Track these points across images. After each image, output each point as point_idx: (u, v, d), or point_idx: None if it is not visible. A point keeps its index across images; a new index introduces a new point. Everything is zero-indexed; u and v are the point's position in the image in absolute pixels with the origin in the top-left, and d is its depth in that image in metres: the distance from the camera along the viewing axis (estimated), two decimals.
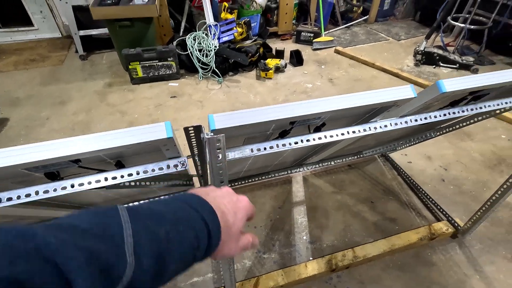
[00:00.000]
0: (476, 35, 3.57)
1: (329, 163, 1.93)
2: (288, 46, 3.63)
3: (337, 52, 3.65)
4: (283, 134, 0.96)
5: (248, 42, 3.31)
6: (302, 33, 3.80)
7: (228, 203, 0.45)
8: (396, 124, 0.98)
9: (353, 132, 0.95)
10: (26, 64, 3.42)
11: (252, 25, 3.44)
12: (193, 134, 0.71)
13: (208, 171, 0.83)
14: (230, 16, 3.23)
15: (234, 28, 3.18)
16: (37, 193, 0.75)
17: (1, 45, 3.79)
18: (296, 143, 0.90)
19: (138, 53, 2.84)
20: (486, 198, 1.41)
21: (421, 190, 1.87)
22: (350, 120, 1.07)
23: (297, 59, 3.35)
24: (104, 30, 3.36)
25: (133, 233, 0.31)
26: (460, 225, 1.61)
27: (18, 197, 0.74)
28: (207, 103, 2.78)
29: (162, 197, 1.69)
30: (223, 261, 1.37)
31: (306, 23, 4.00)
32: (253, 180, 1.83)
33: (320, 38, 3.74)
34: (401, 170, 2.02)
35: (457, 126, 1.51)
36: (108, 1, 2.78)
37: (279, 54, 3.41)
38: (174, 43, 3.08)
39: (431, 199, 1.80)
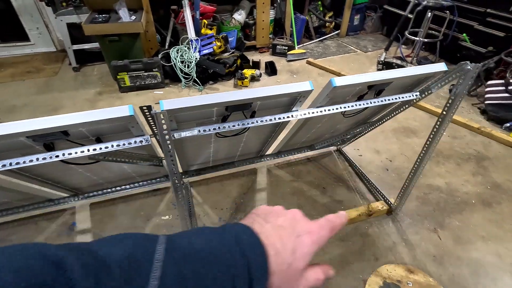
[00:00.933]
0: (432, 47, 4.01)
1: (287, 155, 2.24)
2: (265, 58, 4.00)
3: (308, 63, 4.03)
4: (224, 119, 1.27)
5: (226, 54, 3.67)
6: (278, 46, 4.19)
7: (287, 237, 0.38)
8: (311, 113, 1.30)
9: (279, 118, 1.27)
10: (22, 75, 3.72)
11: (230, 39, 3.81)
12: (148, 113, 1.01)
13: (161, 147, 1.13)
14: (209, 32, 3.60)
15: (213, 42, 3.54)
16: (37, 159, 1.04)
17: (0, 59, 4.10)
18: (233, 126, 1.21)
19: (125, 65, 3.16)
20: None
21: (366, 177, 2.18)
22: (277, 111, 1.38)
23: (271, 69, 3.72)
24: (95, 44, 3.70)
25: (161, 276, 0.30)
26: (393, 203, 1.92)
27: (24, 162, 1.02)
28: None
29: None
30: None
31: (282, 37, 4.40)
32: (221, 169, 2.12)
33: (294, 51, 4.13)
34: (352, 161, 2.34)
35: (385, 119, 1.84)
36: (99, 19, 3.12)
37: (256, 65, 3.77)
38: (160, 55, 3.42)
39: (373, 185, 2.11)
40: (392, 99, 1.41)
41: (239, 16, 4.10)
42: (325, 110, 1.32)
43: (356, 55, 4.34)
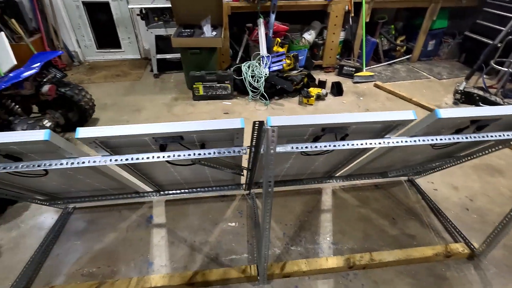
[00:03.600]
0: None
1: (356, 179, 2.19)
2: (331, 78, 4.01)
3: (376, 86, 3.93)
4: (315, 139, 1.30)
5: (294, 72, 3.76)
6: (345, 67, 4.17)
7: None
8: (406, 141, 1.28)
9: (370, 143, 1.26)
10: (112, 78, 4.25)
11: (300, 58, 3.90)
12: (257, 126, 1.09)
13: (261, 161, 1.20)
14: (281, 50, 3.74)
15: (284, 59, 3.66)
16: (153, 157, 1.17)
17: (96, 62, 4.75)
18: (325, 146, 1.24)
19: (202, 75, 3.43)
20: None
21: (443, 214, 2.02)
22: (369, 136, 1.37)
23: (337, 89, 3.70)
24: (175, 55, 4.09)
25: None
26: (477, 248, 1.74)
27: (143, 158, 1.16)
28: (253, 120, 3.21)
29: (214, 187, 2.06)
30: (258, 246, 1.70)
31: (350, 58, 4.37)
32: (288, 184, 2.15)
33: (361, 73, 4.07)
34: (426, 195, 2.19)
35: (474, 156, 1.71)
36: (185, 33, 3.46)
37: (322, 84, 3.79)
38: (231, 69, 3.64)
39: (451, 223, 1.95)
40: (496, 136, 1.31)
41: (309, 36, 4.19)
42: (419, 140, 1.28)
43: (428, 82, 4.11)
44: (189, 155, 1.19)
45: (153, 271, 1.71)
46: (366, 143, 1.26)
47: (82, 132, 1.02)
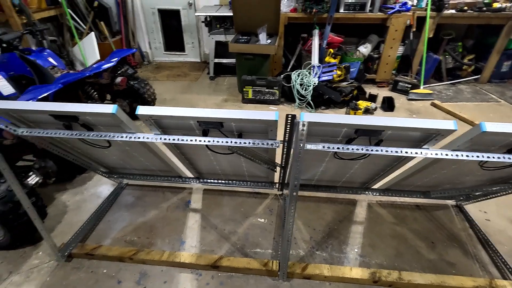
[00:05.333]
0: None
1: (395, 195, 2.09)
2: (383, 93, 3.87)
3: (433, 105, 3.68)
4: (349, 142, 1.32)
5: (344, 83, 3.73)
6: (400, 82, 3.99)
7: None
8: (446, 154, 1.22)
9: (405, 152, 1.24)
10: (174, 77, 4.70)
11: (352, 70, 3.86)
12: (290, 120, 1.16)
13: (290, 155, 1.26)
14: (333, 60, 3.75)
15: (335, 70, 3.66)
16: (196, 140, 1.32)
17: (162, 62, 5.31)
18: (357, 149, 1.25)
19: (253, 80, 3.61)
20: None
21: (493, 247, 1.82)
22: (405, 144, 1.34)
23: (388, 104, 3.56)
24: (231, 60, 4.37)
25: None
26: None
27: (187, 140, 1.31)
28: None
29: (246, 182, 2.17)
30: (283, 242, 1.74)
31: (407, 74, 4.17)
32: (322, 190, 2.15)
33: (418, 90, 3.85)
34: (475, 223, 2.00)
35: None
36: (242, 40, 3.69)
37: (372, 98, 3.69)
38: (281, 76, 3.76)
39: (501, 258, 1.75)
40: None
41: (364, 49, 4.12)
42: (461, 155, 1.21)
43: (498, 105, 3.71)
44: (227, 142, 1.31)
45: (183, 249, 1.86)
46: (401, 151, 1.23)
47: (142, 109, 1.21)
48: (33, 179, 1.94)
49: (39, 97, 2.02)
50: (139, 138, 1.34)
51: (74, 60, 4.26)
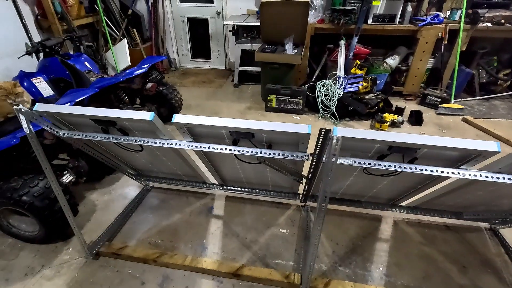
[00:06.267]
0: None
1: (424, 214, 2.01)
2: (410, 106, 3.77)
3: (464, 120, 3.53)
4: (380, 158, 1.30)
5: (370, 95, 3.66)
6: (429, 96, 3.87)
7: None
8: (486, 176, 1.17)
9: (441, 172, 1.19)
10: (199, 84, 4.81)
11: (378, 82, 3.79)
12: (323, 134, 1.16)
13: (321, 172, 1.25)
14: (359, 72, 3.70)
15: (360, 82, 3.61)
16: (226, 149, 1.34)
17: (188, 69, 5.46)
18: (389, 166, 1.22)
19: (277, 89, 3.63)
20: None
21: None
22: (441, 164, 1.29)
23: (416, 118, 3.46)
24: (256, 69, 4.42)
25: None
26: None
27: (218, 148, 1.34)
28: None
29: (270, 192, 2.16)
30: (307, 255, 1.72)
31: (436, 88, 4.03)
32: (346, 204, 2.11)
33: (448, 104, 3.71)
34: (511, 249, 1.88)
35: None
36: (268, 49, 3.74)
37: (399, 111, 3.59)
38: (306, 86, 3.75)
39: None
40: None
41: (392, 61, 4.04)
42: (503, 178, 1.15)
43: None
44: (256, 152, 1.32)
45: (205, 255, 1.88)
46: (437, 171, 1.19)
47: (178, 118, 1.25)
48: (67, 178, 2.05)
49: (77, 100, 2.14)
50: (171, 144, 1.39)
51: (106, 64, 4.47)
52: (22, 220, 1.92)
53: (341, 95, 3.51)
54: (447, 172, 1.18)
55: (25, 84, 2.59)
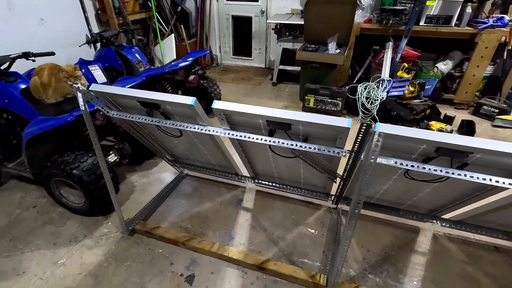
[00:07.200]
0: None
1: (469, 230, 1.84)
2: (461, 116, 3.48)
3: None
4: (425, 161, 1.21)
5: (416, 101, 3.44)
6: (484, 106, 3.53)
7: None
8: None
9: (496, 181, 1.08)
10: (238, 80, 4.90)
11: (426, 87, 3.55)
12: (364, 129, 1.11)
13: (357, 172, 1.20)
14: (406, 75, 3.50)
15: (407, 86, 3.41)
16: (261, 139, 1.34)
17: (229, 66, 5.59)
18: (435, 170, 1.13)
19: (316, 89, 3.57)
20: None
21: None
22: (497, 173, 1.16)
23: (467, 129, 3.17)
24: (295, 68, 4.38)
25: None
26: None
27: (253, 138, 1.35)
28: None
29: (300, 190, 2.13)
30: (335, 257, 1.66)
31: (494, 97, 3.67)
32: (381, 211, 2.00)
33: (507, 116, 3.36)
34: None
35: None
36: (309, 49, 3.69)
37: (448, 120, 3.33)
38: (347, 87, 3.64)
39: None
40: None
41: (444, 66, 3.76)
42: None
43: None
44: (292, 144, 1.31)
45: (232, 244, 1.90)
46: (491, 180, 1.08)
47: (217, 104, 1.29)
48: (112, 158, 2.20)
49: (127, 86, 2.29)
50: (209, 131, 1.43)
51: (154, 57, 4.74)
52: (71, 192, 2.11)
53: (384, 98, 3.34)
54: (503, 183, 1.07)
55: (83, 70, 2.84)
